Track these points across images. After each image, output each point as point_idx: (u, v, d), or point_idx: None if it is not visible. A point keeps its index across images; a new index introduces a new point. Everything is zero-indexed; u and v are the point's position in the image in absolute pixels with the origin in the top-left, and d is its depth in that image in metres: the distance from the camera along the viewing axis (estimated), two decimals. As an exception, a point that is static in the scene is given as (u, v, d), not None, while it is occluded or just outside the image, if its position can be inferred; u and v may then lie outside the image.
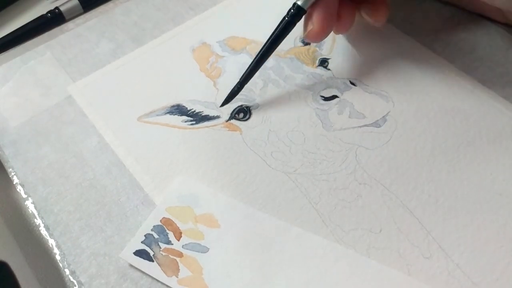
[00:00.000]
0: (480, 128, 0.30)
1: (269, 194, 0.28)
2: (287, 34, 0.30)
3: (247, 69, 0.31)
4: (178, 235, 0.27)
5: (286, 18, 0.30)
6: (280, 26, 0.30)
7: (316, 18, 0.29)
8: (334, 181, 0.28)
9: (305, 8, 0.29)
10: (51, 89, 0.35)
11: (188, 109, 0.33)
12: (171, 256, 0.26)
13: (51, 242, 0.28)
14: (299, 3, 0.29)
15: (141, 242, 0.27)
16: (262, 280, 0.25)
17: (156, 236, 0.27)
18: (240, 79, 0.31)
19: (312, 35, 0.30)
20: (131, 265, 0.26)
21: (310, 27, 0.30)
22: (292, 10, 0.30)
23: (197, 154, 0.30)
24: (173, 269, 0.26)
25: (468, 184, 0.28)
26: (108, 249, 0.27)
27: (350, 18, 0.31)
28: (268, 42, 0.30)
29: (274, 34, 0.30)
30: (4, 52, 0.38)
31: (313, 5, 0.29)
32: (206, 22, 0.38)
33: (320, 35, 0.30)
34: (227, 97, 0.32)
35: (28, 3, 0.43)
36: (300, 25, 0.37)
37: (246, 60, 0.35)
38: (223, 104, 0.32)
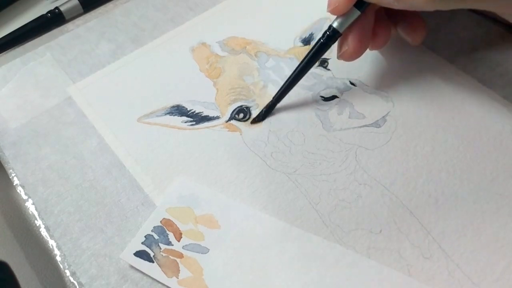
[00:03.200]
0: (480, 128, 0.30)
1: (269, 194, 0.28)
2: (322, 55, 0.31)
3: (280, 88, 0.31)
4: (178, 236, 0.27)
5: (321, 40, 0.30)
6: (315, 47, 0.30)
7: (352, 40, 0.29)
8: (334, 181, 0.28)
9: (341, 31, 0.29)
10: (51, 90, 0.35)
11: (188, 109, 0.33)
12: (172, 257, 0.26)
13: (52, 243, 0.28)
14: (334, 25, 0.29)
15: (142, 243, 0.27)
16: (262, 281, 0.25)
17: (156, 237, 0.27)
18: (273, 98, 0.31)
19: (347, 56, 0.30)
20: (131, 266, 0.26)
21: (345, 48, 0.30)
22: (328, 33, 0.29)
23: (197, 155, 0.30)
24: (174, 270, 0.26)
25: (468, 184, 0.28)
26: (108, 250, 0.27)
27: (385, 36, 0.31)
28: (303, 63, 0.30)
29: (309, 55, 0.30)
30: (4, 53, 0.38)
31: (349, 27, 0.29)
32: (206, 22, 0.38)
33: (355, 56, 0.30)
34: (257, 116, 0.32)
35: (28, 3, 0.43)
36: (297, 22, 0.37)
37: (246, 60, 0.35)
38: (253, 122, 0.32)
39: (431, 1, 0.25)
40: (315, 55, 0.30)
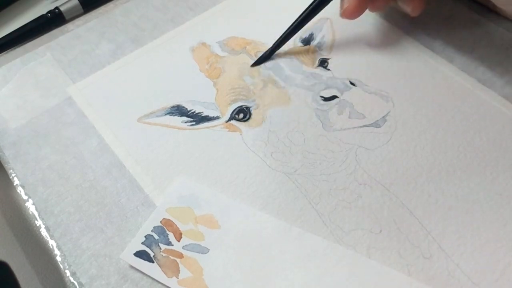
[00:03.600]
0: (480, 128, 0.30)
1: (269, 194, 0.28)
2: (320, 10, 0.31)
3: (278, 39, 0.33)
4: (178, 236, 0.27)
5: None
6: (314, 3, 0.31)
7: None
8: (334, 181, 0.28)
9: None
10: (51, 91, 0.35)
11: (188, 109, 0.33)
12: (172, 257, 0.26)
13: (52, 243, 0.28)
14: None
15: (142, 243, 0.27)
16: (263, 281, 0.25)
17: (156, 237, 0.27)
18: (272, 46, 0.33)
19: (348, 12, 0.31)
20: (131, 266, 0.26)
21: (346, 4, 0.30)
22: None
23: (197, 155, 0.30)
24: (174, 270, 0.26)
25: (468, 184, 0.28)
26: (108, 250, 0.27)
27: None
28: (302, 16, 0.32)
29: (308, 9, 0.31)
30: (4, 54, 0.38)
31: None
32: (206, 22, 0.38)
33: (356, 13, 0.31)
34: (257, 60, 0.34)
35: (28, 3, 0.43)
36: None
37: (246, 60, 0.35)
38: (253, 65, 0.34)
39: None
40: (314, 9, 0.31)
